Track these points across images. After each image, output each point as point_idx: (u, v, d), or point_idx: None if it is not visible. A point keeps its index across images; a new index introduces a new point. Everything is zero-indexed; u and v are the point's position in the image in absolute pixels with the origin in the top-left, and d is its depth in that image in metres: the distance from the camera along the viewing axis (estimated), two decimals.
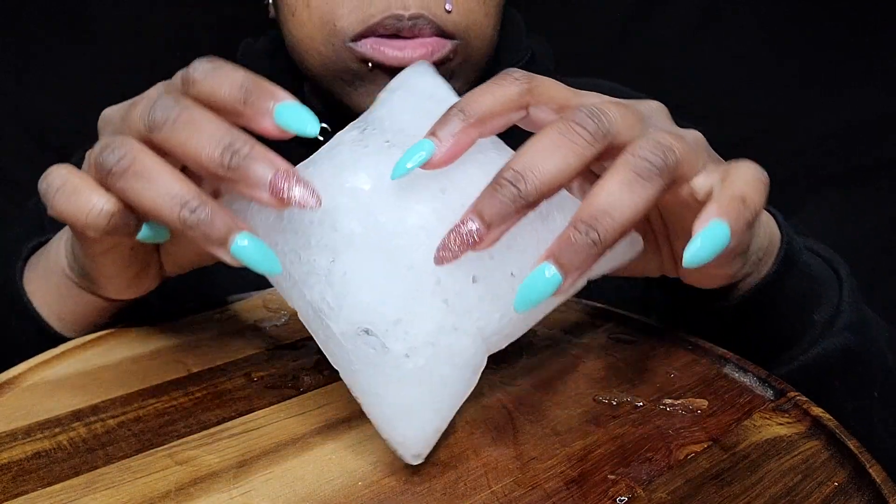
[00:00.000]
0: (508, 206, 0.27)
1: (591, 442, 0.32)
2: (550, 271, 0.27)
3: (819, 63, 0.94)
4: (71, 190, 0.31)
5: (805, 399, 0.35)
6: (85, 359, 0.39)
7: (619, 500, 0.28)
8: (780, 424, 0.34)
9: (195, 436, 0.32)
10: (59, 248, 0.42)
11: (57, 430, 0.33)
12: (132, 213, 0.32)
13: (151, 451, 0.31)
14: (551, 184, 0.27)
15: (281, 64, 0.61)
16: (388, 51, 0.49)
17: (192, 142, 0.29)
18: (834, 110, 0.94)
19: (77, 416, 0.34)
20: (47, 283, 0.43)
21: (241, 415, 0.34)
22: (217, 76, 0.30)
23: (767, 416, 0.34)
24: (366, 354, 0.29)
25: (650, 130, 0.30)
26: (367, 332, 0.29)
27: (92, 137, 0.64)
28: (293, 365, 0.39)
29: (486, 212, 0.27)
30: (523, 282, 0.28)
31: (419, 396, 0.29)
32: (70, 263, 0.41)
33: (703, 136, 0.33)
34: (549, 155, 0.27)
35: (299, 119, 0.30)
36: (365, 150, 0.31)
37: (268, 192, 0.28)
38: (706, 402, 0.35)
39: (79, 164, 0.33)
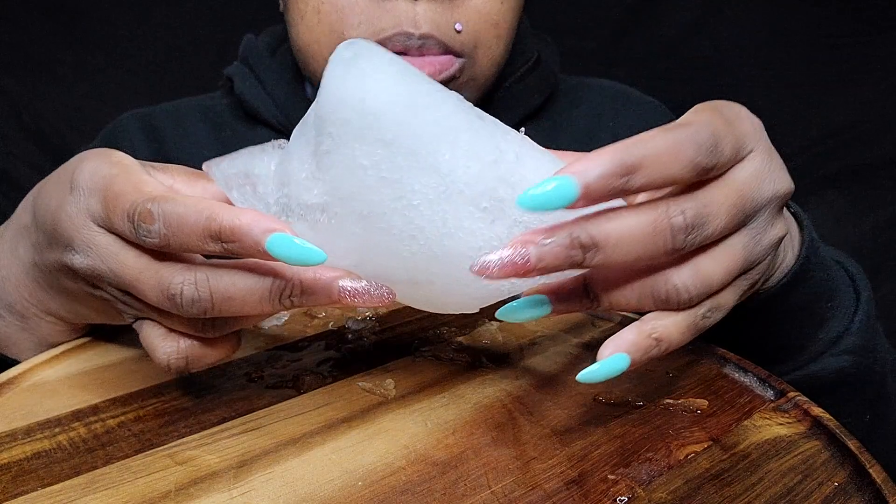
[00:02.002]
0: (563, 260, 0.28)
1: (591, 442, 0.32)
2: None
3: (819, 63, 0.94)
4: (147, 348, 0.32)
5: (805, 399, 0.35)
6: (85, 359, 0.39)
7: (619, 499, 0.28)
8: (781, 424, 0.34)
9: (195, 436, 0.32)
10: (18, 288, 0.38)
11: (57, 430, 0.33)
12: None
13: (151, 451, 0.31)
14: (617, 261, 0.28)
15: (283, 60, 0.61)
16: None
17: (246, 307, 0.30)
18: (834, 110, 0.94)
19: (77, 416, 0.34)
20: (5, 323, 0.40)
21: (241, 415, 0.34)
22: (175, 226, 0.29)
23: (767, 416, 0.34)
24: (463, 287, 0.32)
25: (717, 193, 0.29)
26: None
27: (91, 137, 0.64)
28: (293, 365, 0.39)
29: (541, 255, 0.27)
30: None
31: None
32: (41, 305, 0.38)
33: (780, 195, 0.32)
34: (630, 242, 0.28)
35: (297, 250, 0.28)
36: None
37: (338, 302, 0.30)
38: (706, 402, 0.35)
39: None
